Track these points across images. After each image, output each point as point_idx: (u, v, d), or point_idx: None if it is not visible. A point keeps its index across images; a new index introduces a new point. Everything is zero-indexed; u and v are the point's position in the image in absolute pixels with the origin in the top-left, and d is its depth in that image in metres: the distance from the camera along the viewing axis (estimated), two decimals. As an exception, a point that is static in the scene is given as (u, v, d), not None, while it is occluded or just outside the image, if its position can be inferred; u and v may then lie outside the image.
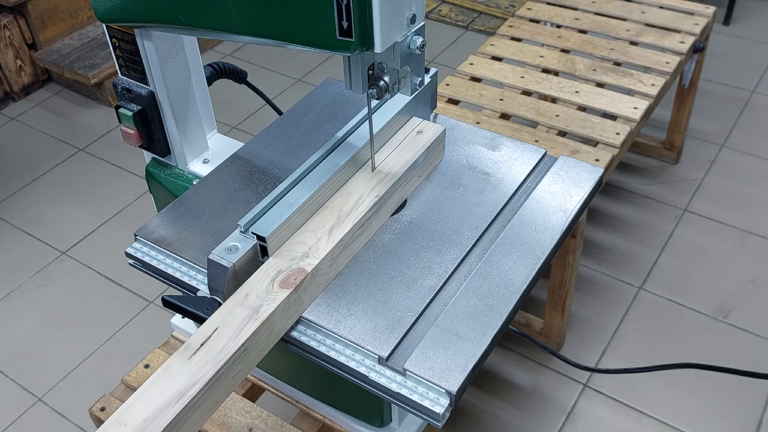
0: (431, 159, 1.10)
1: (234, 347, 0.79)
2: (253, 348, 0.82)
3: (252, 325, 0.81)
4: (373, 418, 1.21)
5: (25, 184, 2.51)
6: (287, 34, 0.84)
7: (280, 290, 0.85)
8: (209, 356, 0.78)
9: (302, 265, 0.89)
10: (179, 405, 0.73)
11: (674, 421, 1.74)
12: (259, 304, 0.84)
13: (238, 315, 0.83)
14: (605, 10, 2.18)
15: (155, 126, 1.19)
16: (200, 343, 0.79)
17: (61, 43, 2.91)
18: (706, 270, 2.09)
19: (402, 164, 1.03)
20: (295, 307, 0.88)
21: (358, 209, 0.96)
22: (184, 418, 0.73)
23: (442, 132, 1.10)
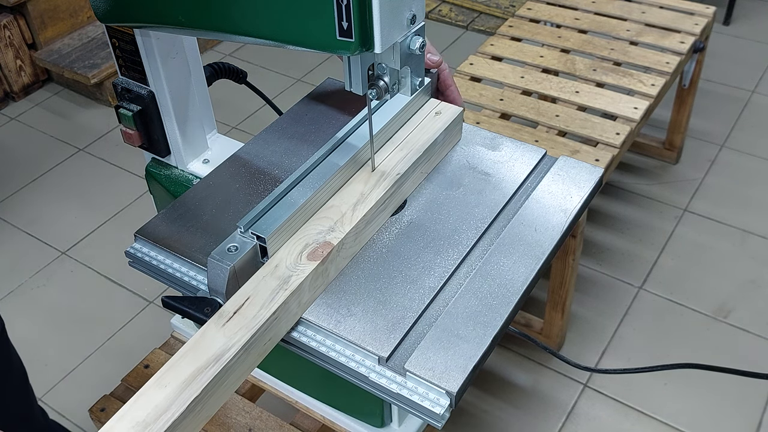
0: (450, 138, 1.13)
1: (266, 315, 0.83)
2: (283, 316, 0.86)
3: (282, 294, 0.85)
4: (373, 418, 1.21)
5: (25, 184, 2.51)
6: (287, 35, 0.84)
7: (309, 262, 0.90)
8: (242, 323, 0.82)
9: (329, 238, 0.92)
10: (216, 367, 0.78)
11: (674, 421, 1.74)
12: (288, 275, 0.88)
13: (269, 285, 0.87)
14: (605, 10, 2.18)
15: (155, 126, 1.19)
16: (233, 311, 0.84)
17: (61, 43, 2.91)
18: (706, 270, 2.09)
19: (422, 143, 1.07)
20: (322, 278, 0.92)
21: (381, 185, 1.00)
22: (221, 380, 0.78)
23: (461, 113, 1.13)
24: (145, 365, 1.31)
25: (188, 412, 0.75)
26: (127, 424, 0.73)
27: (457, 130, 1.14)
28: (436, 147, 1.09)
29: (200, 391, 0.76)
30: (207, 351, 0.80)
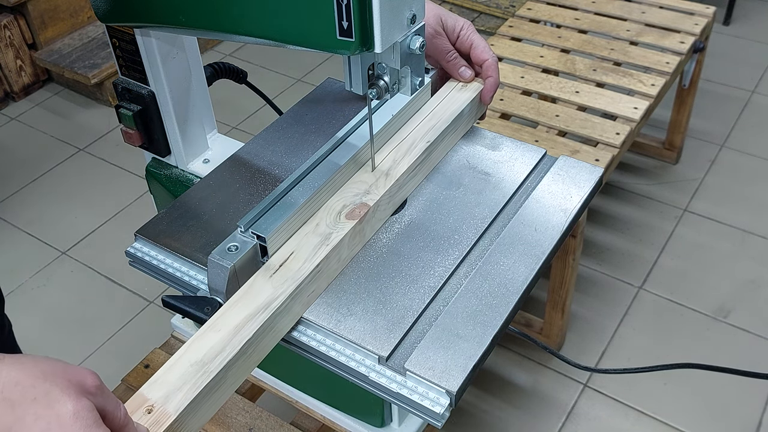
0: (474, 111, 1.17)
1: (309, 267, 0.90)
2: (324, 270, 0.93)
3: (324, 249, 0.92)
4: (373, 418, 1.21)
5: (25, 184, 2.51)
6: (287, 35, 0.84)
7: (347, 221, 0.96)
8: (288, 275, 0.89)
9: (365, 200, 0.99)
10: (266, 314, 0.84)
11: (674, 421, 1.74)
12: (329, 232, 0.94)
13: (311, 241, 0.94)
14: (605, 10, 2.18)
15: (155, 126, 1.19)
16: (279, 264, 0.91)
17: (61, 43, 2.91)
18: (706, 270, 2.09)
19: (450, 113, 1.11)
20: (359, 237, 0.98)
21: (411, 153, 1.06)
22: (269, 326, 0.85)
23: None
24: (145, 365, 1.31)
25: (241, 354, 0.81)
26: (186, 363, 0.79)
27: (481, 105, 1.19)
28: (462, 118, 1.14)
29: (252, 334, 0.82)
30: (256, 299, 0.86)
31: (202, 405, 0.78)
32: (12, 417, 0.58)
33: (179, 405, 0.75)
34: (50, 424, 0.58)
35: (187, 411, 0.75)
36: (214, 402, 0.80)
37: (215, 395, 0.80)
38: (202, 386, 0.77)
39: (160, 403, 0.75)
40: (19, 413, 0.58)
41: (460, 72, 1.13)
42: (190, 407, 0.76)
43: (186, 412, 0.75)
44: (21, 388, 0.58)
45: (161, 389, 0.76)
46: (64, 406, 0.59)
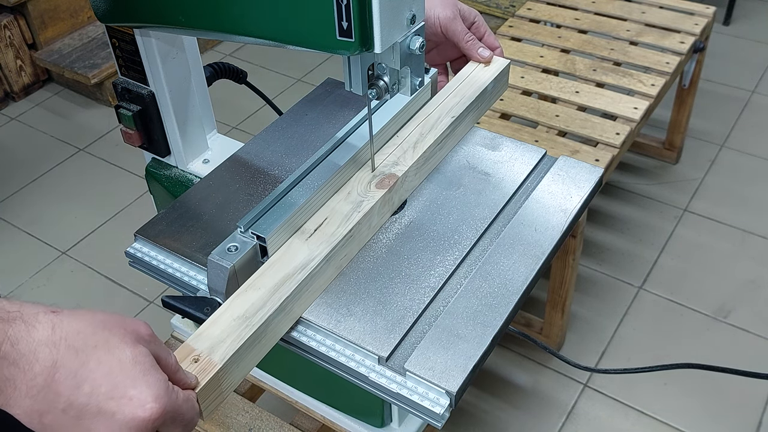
0: (498, 88, 1.21)
1: (343, 232, 0.95)
2: (356, 236, 0.98)
3: (356, 216, 0.97)
4: (373, 418, 1.21)
5: (25, 184, 2.51)
6: (287, 35, 0.84)
7: (377, 190, 1.01)
8: (323, 238, 0.94)
9: (393, 170, 1.03)
10: (303, 274, 0.89)
11: (674, 421, 1.74)
12: (360, 200, 0.99)
13: (344, 208, 0.98)
14: (605, 10, 2.18)
15: (155, 126, 1.19)
16: (314, 229, 0.96)
17: (61, 43, 2.91)
18: (706, 270, 2.09)
19: (474, 90, 1.15)
20: (388, 206, 1.03)
21: (437, 127, 1.09)
22: (306, 286, 0.90)
23: (508, 64, 1.21)
24: (145, 365, 1.31)
25: (280, 310, 0.87)
26: (229, 317, 0.84)
27: (503, 82, 1.22)
28: (486, 95, 1.17)
29: (290, 292, 0.87)
30: (293, 260, 0.91)
31: (244, 357, 0.83)
32: (77, 362, 0.61)
33: (224, 355, 0.80)
34: (112, 368, 0.62)
35: (231, 361, 0.80)
36: (254, 355, 0.85)
37: (256, 348, 0.85)
38: (245, 338, 0.82)
39: (205, 354, 0.80)
40: (83, 359, 0.61)
41: (479, 52, 1.16)
42: (233, 358, 0.80)
43: (230, 362, 0.80)
44: (83, 337, 0.62)
45: (206, 341, 0.81)
46: (123, 352, 0.63)
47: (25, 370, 0.60)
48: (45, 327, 0.62)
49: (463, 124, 1.15)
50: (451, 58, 1.22)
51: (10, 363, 0.60)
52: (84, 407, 0.61)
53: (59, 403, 0.61)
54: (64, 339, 0.61)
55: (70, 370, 0.61)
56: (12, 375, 0.60)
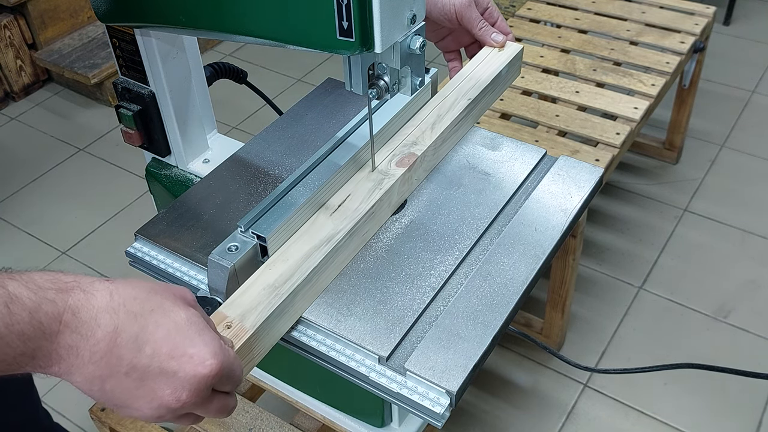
0: (512, 73, 1.24)
1: (365, 208, 0.98)
2: (377, 212, 1.01)
3: (378, 193, 1.00)
4: (373, 418, 1.21)
5: (25, 184, 2.51)
6: (287, 35, 0.84)
7: (397, 168, 1.04)
8: (346, 214, 0.97)
9: (413, 150, 1.07)
10: (328, 247, 0.93)
11: (674, 421, 1.74)
12: (381, 178, 1.02)
13: (366, 186, 1.01)
14: (605, 10, 2.18)
15: (155, 126, 1.19)
16: (337, 205, 0.99)
17: (61, 43, 2.91)
18: (706, 270, 2.09)
19: (489, 74, 1.17)
20: (407, 185, 1.06)
21: (453, 109, 1.13)
22: (331, 258, 0.94)
23: (521, 50, 1.24)
24: (145, 365, 1.31)
25: (307, 281, 0.90)
26: (260, 287, 0.88)
27: (517, 67, 1.25)
28: (500, 79, 1.20)
29: (317, 263, 0.91)
30: (318, 234, 0.95)
31: (273, 325, 0.86)
32: (137, 326, 0.64)
33: (255, 322, 0.83)
34: (170, 330, 0.65)
35: (262, 328, 0.84)
36: (282, 324, 0.89)
37: (284, 317, 0.88)
38: (274, 306, 0.85)
39: (237, 320, 0.83)
40: (141, 323, 0.64)
41: (493, 37, 1.17)
42: (264, 325, 0.84)
43: (261, 328, 0.84)
44: (139, 302, 0.65)
45: (238, 309, 0.85)
46: (178, 314, 0.67)
47: (88, 337, 0.62)
48: (103, 294, 0.63)
49: (479, 107, 1.17)
50: (465, 44, 1.24)
51: (72, 331, 0.61)
52: (146, 368, 0.64)
53: (122, 366, 0.63)
54: (123, 305, 0.64)
55: (131, 334, 0.63)
56: (75, 342, 0.62)
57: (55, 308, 0.61)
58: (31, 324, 0.59)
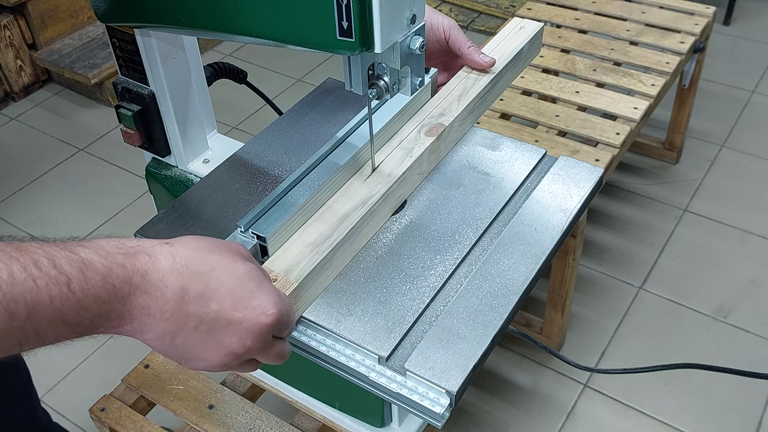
0: (532, 51, 1.28)
1: (398, 173, 1.03)
2: (408, 178, 1.05)
3: (408, 160, 1.05)
4: (373, 418, 1.21)
5: (25, 184, 2.51)
6: (287, 35, 0.84)
7: (426, 138, 1.09)
8: (379, 179, 1.03)
9: (440, 120, 1.11)
10: (364, 209, 0.98)
11: (674, 421, 1.74)
12: (411, 147, 1.07)
13: (397, 154, 1.06)
14: (605, 10, 2.18)
15: (155, 126, 1.19)
16: (369, 172, 1.04)
17: (61, 43, 2.91)
18: (706, 270, 2.09)
19: (511, 51, 1.23)
20: (435, 154, 1.11)
21: (478, 83, 1.17)
22: (366, 220, 0.98)
23: (541, 27, 1.29)
24: (145, 365, 1.31)
25: (345, 240, 0.95)
26: (300, 245, 0.93)
27: (537, 44, 1.30)
28: (522, 55, 1.25)
29: (354, 224, 0.96)
30: (354, 198, 1.00)
31: (314, 280, 0.91)
32: (201, 284, 0.68)
33: (299, 275, 0.89)
34: (232, 285, 0.70)
35: (305, 282, 0.89)
36: (322, 281, 0.94)
37: (324, 274, 0.93)
38: (316, 263, 0.91)
39: (282, 275, 0.89)
40: (205, 281, 0.69)
41: (481, 57, 1.19)
42: (307, 279, 0.89)
43: (304, 282, 0.89)
44: (200, 261, 0.69)
45: (282, 264, 0.90)
46: (237, 269, 0.71)
47: (157, 297, 0.67)
48: (166, 257, 0.68)
49: (501, 82, 1.22)
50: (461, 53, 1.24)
51: (142, 292, 0.66)
52: (214, 321, 0.69)
53: (191, 321, 0.68)
54: (186, 266, 0.68)
55: (197, 291, 0.68)
56: (146, 303, 0.66)
57: (125, 272, 0.65)
58: (104, 287, 0.63)
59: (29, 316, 0.59)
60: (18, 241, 0.62)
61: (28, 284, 0.59)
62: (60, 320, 0.61)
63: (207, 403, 1.24)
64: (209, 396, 1.25)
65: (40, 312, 0.59)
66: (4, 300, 0.57)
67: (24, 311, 0.59)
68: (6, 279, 0.58)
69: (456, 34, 1.17)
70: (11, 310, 0.58)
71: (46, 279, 0.60)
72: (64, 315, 0.61)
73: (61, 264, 0.61)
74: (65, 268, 0.61)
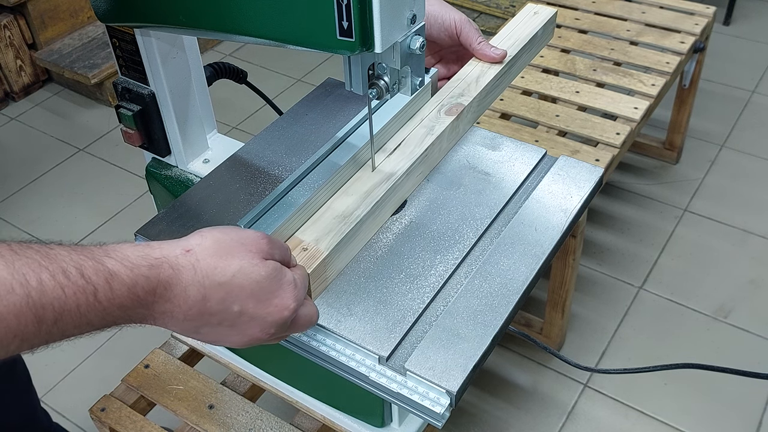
0: (546, 35, 1.33)
1: (419, 151, 1.07)
2: (429, 156, 1.10)
3: (430, 138, 1.09)
4: (373, 418, 1.21)
5: (25, 184, 2.51)
6: (287, 35, 0.84)
7: (446, 116, 1.12)
8: (402, 156, 1.06)
9: (460, 100, 1.15)
10: (388, 184, 1.02)
11: (674, 421, 1.74)
12: (432, 125, 1.11)
13: (419, 132, 1.10)
14: (605, 10, 2.18)
15: (155, 126, 1.19)
16: (393, 149, 1.08)
17: (61, 43, 2.91)
18: (706, 270, 2.09)
19: (527, 34, 1.26)
20: (454, 133, 1.15)
21: (494, 66, 1.21)
22: (390, 195, 1.03)
23: (555, 13, 1.33)
24: (145, 365, 1.31)
25: (370, 213, 0.99)
26: (329, 217, 0.98)
27: (551, 30, 1.34)
28: (536, 39, 1.29)
29: (380, 197, 1.00)
30: (378, 174, 1.04)
31: (342, 250, 0.96)
32: (222, 292, 0.72)
33: (329, 245, 0.93)
34: (253, 288, 0.73)
35: (334, 251, 0.94)
36: (350, 250, 0.98)
37: (352, 244, 0.98)
38: (344, 233, 0.95)
39: (312, 244, 0.93)
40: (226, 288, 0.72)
41: (492, 50, 1.21)
42: (336, 248, 0.94)
43: (334, 251, 0.93)
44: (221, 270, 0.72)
45: (312, 234, 0.95)
46: (258, 273, 0.74)
47: (180, 305, 0.70)
48: (188, 270, 0.71)
49: (517, 65, 1.26)
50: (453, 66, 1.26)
51: (165, 300, 0.69)
52: (236, 319, 0.74)
53: (214, 319, 0.73)
54: (207, 276, 0.71)
55: (218, 298, 0.72)
56: (169, 309, 0.70)
57: (149, 283, 0.68)
58: (129, 297, 0.66)
59: (56, 321, 0.62)
60: (46, 246, 0.64)
61: (57, 292, 0.61)
62: (85, 324, 0.64)
63: (207, 403, 1.24)
64: (209, 396, 1.25)
65: (66, 318, 0.62)
66: (34, 307, 0.60)
67: (52, 317, 0.61)
68: (35, 287, 0.60)
69: (467, 30, 1.20)
70: (39, 315, 0.60)
71: (74, 288, 0.62)
72: (89, 320, 0.64)
73: (89, 274, 0.64)
74: (92, 279, 0.64)
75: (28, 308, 0.60)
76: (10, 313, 0.59)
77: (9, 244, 0.63)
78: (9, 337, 0.59)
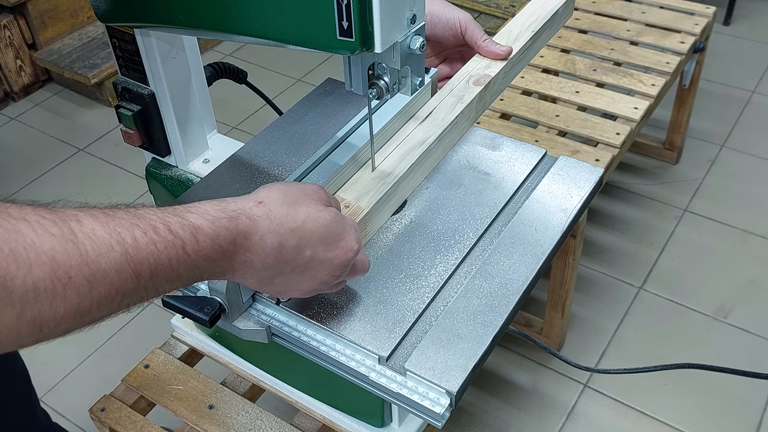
0: (566, 13, 1.36)
1: (450, 118, 1.11)
2: (459, 123, 1.14)
3: (459, 106, 1.13)
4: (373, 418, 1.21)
5: (25, 184, 2.51)
6: (287, 35, 0.84)
7: (474, 87, 1.16)
8: (434, 122, 1.11)
9: (487, 72, 1.19)
10: (422, 148, 1.07)
11: (674, 421, 1.74)
12: (461, 94, 1.15)
13: (449, 101, 1.14)
14: (605, 10, 2.18)
15: (155, 126, 1.19)
16: (425, 116, 1.12)
17: (61, 43, 2.91)
18: (706, 270, 2.09)
19: (548, 11, 1.29)
20: (482, 103, 1.19)
21: (520, 39, 1.25)
22: (424, 158, 1.07)
23: None
24: (145, 365, 1.31)
25: (406, 175, 1.04)
26: (368, 178, 1.03)
27: (570, 8, 1.38)
28: (557, 17, 1.32)
29: (415, 159, 1.05)
30: (413, 138, 1.09)
31: (380, 209, 1.01)
32: (295, 238, 0.78)
33: (369, 202, 0.99)
34: (321, 232, 0.80)
35: (374, 208, 0.99)
36: (387, 209, 1.04)
37: (388, 204, 1.03)
38: (383, 192, 1.00)
39: (354, 202, 0.99)
40: (298, 234, 0.78)
41: (498, 48, 1.23)
42: (375, 206, 0.99)
43: (374, 208, 0.99)
44: (291, 218, 0.78)
45: (353, 193, 1.00)
46: (324, 217, 0.80)
47: (258, 254, 0.75)
48: (263, 219, 0.76)
49: (539, 41, 1.29)
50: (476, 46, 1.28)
51: (245, 250, 0.74)
52: (308, 263, 0.80)
53: (288, 267, 0.78)
54: (281, 224, 0.76)
55: (292, 244, 0.77)
56: (248, 259, 0.75)
57: (229, 234, 0.72)
58: (213, 249, 0.71)
59: (152, 276, 0.65)
60: (133, 208, 0.69)
61: (150, 248, 0.65)
62: (176, 278, 0.68)
63: (207, 403, 1.24)
64: (209, 396, 1.25)
65: (160, 272, 0.66)
66: (131, 262, 0.63)
67: (148, 272, 0.65)
68: (131, 243, 0.64)
69: (472, 29, 1.21)
70: (137, 271, 0.64)
71: (165, 243, 0.66)
72: (179, 274, 0.68)
73: (176, 229, 0.68)
74: (179, 233, 0.68)
75: (127, 264, 0.63)
76: (112, 269, 0.62)
77: (100, 208, 0.67)
78: (112, 294, 0.62)
